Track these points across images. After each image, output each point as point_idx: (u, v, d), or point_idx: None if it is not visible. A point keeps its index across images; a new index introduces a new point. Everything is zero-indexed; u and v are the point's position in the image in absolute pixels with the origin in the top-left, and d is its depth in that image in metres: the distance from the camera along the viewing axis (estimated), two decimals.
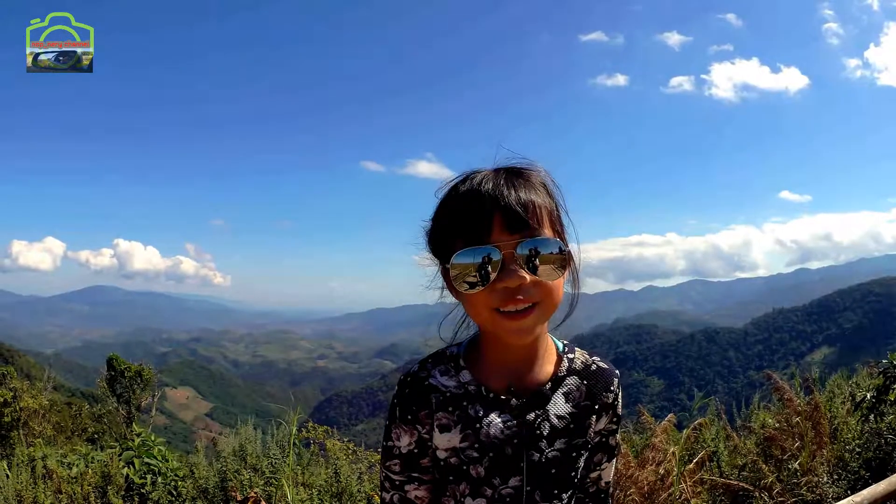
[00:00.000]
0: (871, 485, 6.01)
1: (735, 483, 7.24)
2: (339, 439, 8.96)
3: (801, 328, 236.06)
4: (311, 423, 9.46)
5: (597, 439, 2.07)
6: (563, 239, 1.86)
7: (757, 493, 7.10)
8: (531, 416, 1.91)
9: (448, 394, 1.93)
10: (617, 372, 2.09)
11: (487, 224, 1.75)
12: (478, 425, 1.89)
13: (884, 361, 8.08)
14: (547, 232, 1.79)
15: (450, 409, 1.92)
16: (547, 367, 1.98)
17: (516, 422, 1.90)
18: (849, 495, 5.86)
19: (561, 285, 1.83)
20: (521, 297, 1.74)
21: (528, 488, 1.91)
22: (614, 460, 2.17)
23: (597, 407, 2.01)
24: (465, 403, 1.91)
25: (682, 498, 6.91)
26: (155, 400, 27.81)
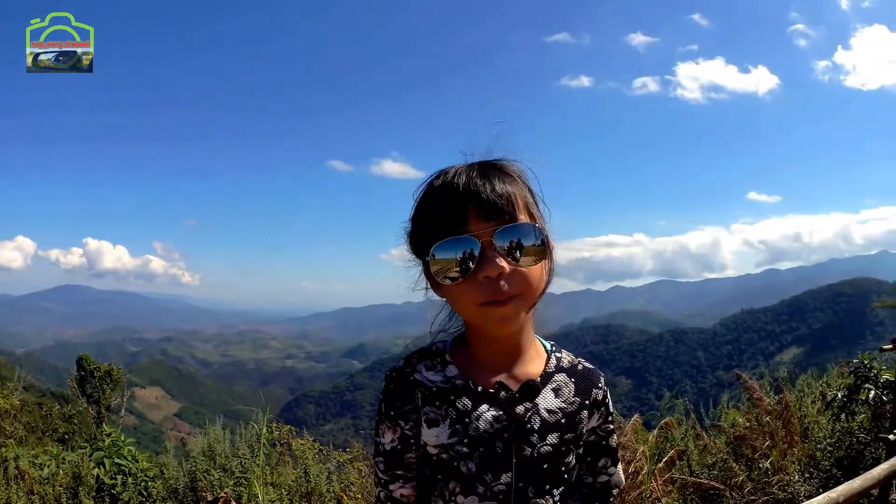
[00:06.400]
0: (843, 482, 6.02)
1: (706, 482, 7.25)
2: (306, 439, 8.91)
3: (770, 328, 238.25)
4: (275, 423, 9.42)
5: (592, 438, 2.06)
6: (541, 226, 1.83)
7: (728, 492, 7.12)
8: (521, 409, 1.88)
9: (434, 388, 1.92)
10: (601, 373, 2.08)
11: (462, 214, 1.75)
12: (467, 420, 1.87)
13: (855, 361, 8.14)
14: (523, 218, 1.78)
15: (437, 403, 1.90)
16: (536, 364, 1.97)
17: (506, 415, 1.87)
18: (820, 493, 5.87)
19: (541, 275, 1.83)
20: (503, 285, 1.72)
21: (521, 484, 1.87)
22: (619, 464, 2.14)
23: (587, 403, 1.99)
24: (452, 398, 1.89)
25: (653, 497, 6.91)
26: (124, 400, 27.69)
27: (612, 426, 2.09)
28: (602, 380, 2.06)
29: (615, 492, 2.14)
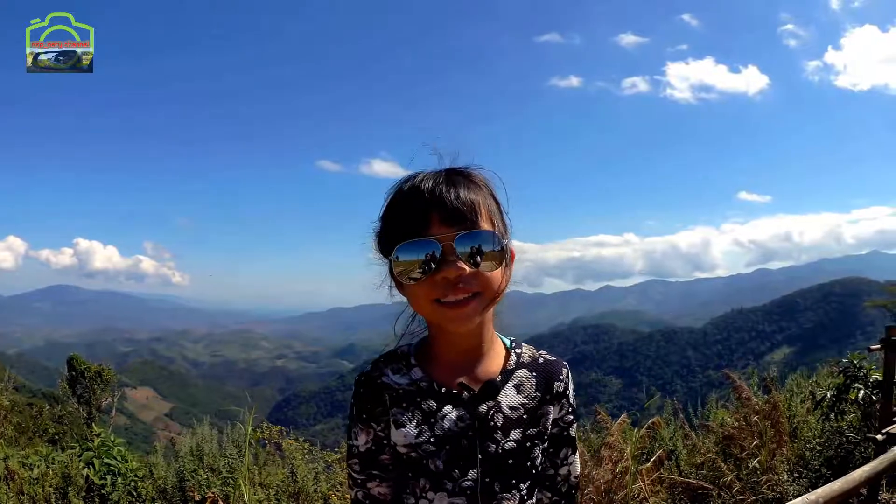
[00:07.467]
0: (831, 482, 6.02)
1: (694, 482, 7.25)
2: (294, 439, 8.91)
3: (760, 328, 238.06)
4: (265, 423, 9.42)
5: (555, 430, 2.12)
6: (502, 235, 1.91)
7: (716, 492, 7.11)
8: (484, 407, 1.95)
9: (401, 391, 1.99)
10: (565, 363, 2.15)
11: (426, 219, 1.83)
12: (432, 420, 1.94)
13: (844, 360, 8.15)
14: (485, 226, 1.86)
15: (404, 405, 1.98)
16: (496, 362, 2.04)
17: (469, 414, 1.94)
18: (810, 492, 5.87)
19: (500, 277, 1.89)
20: (461, 286, 1.81)
21: (487, 480, 1.94)
22: (577, 454, 2.19)
23: (548, 397, 2.06)
24: (418, 399, 1.97)
25: (640, 496, 6.91)
26: (115, 400, 27.63)
27: (571, 417, 2.15)
28: (564, 371, 2.12)
29: (574, 480, 2.20)
